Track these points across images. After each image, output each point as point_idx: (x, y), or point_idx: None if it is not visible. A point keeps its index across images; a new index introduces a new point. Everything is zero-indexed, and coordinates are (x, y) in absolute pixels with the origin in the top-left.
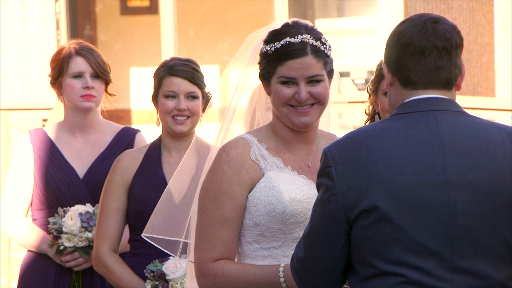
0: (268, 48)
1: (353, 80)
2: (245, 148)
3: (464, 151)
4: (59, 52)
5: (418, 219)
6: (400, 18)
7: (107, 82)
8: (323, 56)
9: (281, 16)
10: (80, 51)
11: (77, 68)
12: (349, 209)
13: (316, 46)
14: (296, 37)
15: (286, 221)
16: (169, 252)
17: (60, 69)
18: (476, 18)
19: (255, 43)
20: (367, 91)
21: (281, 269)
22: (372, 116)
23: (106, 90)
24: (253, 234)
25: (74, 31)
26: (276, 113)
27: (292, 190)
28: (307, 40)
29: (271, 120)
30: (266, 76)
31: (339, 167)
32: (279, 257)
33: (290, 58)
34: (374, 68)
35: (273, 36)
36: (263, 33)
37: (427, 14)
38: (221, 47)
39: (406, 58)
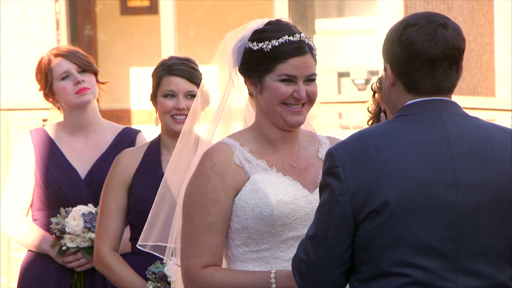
0: (264, 46)
1: (353, 80)
2: (228, 153)
3: (471, 152)
4: (39, 63)
5: (426, 220)
6: (400, 18)
7: (95, 72)
8: (315, 56)
9: (281, 16)
10: (59, 54)
11: (62, 69)
12: (357, 209)
13: (311, 45)
14: (294, 35)
15: (274, 223)
16: (160, 255)
17: (46, 77)
18: (476, 18)
19: (237, 43)
20: (372, 89)
21: (272, 275)
22: (376, 115)
23: (97, 80)
24: (241, 237)
25: (74, 31)
26: (267, 112)
27: (279, 192)
28: (304, 39)
29: (254, 121)
30: (258, 73)
31: (347, 167)
32: (269, 259)
33: (293, 55)
34: (374, 68)
35: (266, 34)
36: (243, 33)
37: (435, 18)
38: None
39: (415, 67)
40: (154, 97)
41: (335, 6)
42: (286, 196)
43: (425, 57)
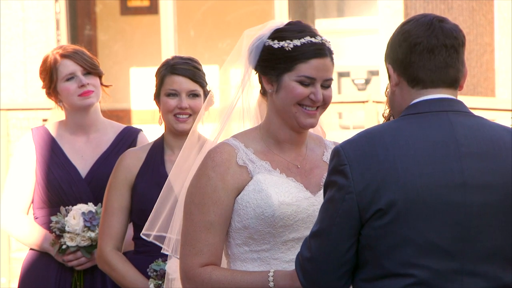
0: (285, 45)
1: (353, 80)
2: (230, 154)
3: (479, 153)
4: (44, 61)
5: (434, 220)
6: (400, 18)
7: (100, 75)
8: (333, 60)
9: (281, 16)
10: (65, 54)
11: (67, 70)
12: (364, 208)
13: (330, 49)
14: (316, 37)
15: (275, 224)
16: (161, 245)
17: (50, 77)
18: (476, 18)
19: (256, 41)
20: (385, 94)
21: (270, 273)
22: (388, 119)
23: (101, 83)
24: (242, 237)
25: (74, 31)
26: (281, 111)
27: (281, 193)
28: (325, 42)
29: (264, 119)
30: (276, 71)
31: (354, 165)
32: (269, 259)
33: (314, 56)
34: (374, 68)
35: (288, 33)
36: (262, 31)
37: (431, 14)
38: (221, 47)
39: (414, 57)
40: (157, 97)
41: (335, 6)
42: (289, 198)
43: (423, 45)
